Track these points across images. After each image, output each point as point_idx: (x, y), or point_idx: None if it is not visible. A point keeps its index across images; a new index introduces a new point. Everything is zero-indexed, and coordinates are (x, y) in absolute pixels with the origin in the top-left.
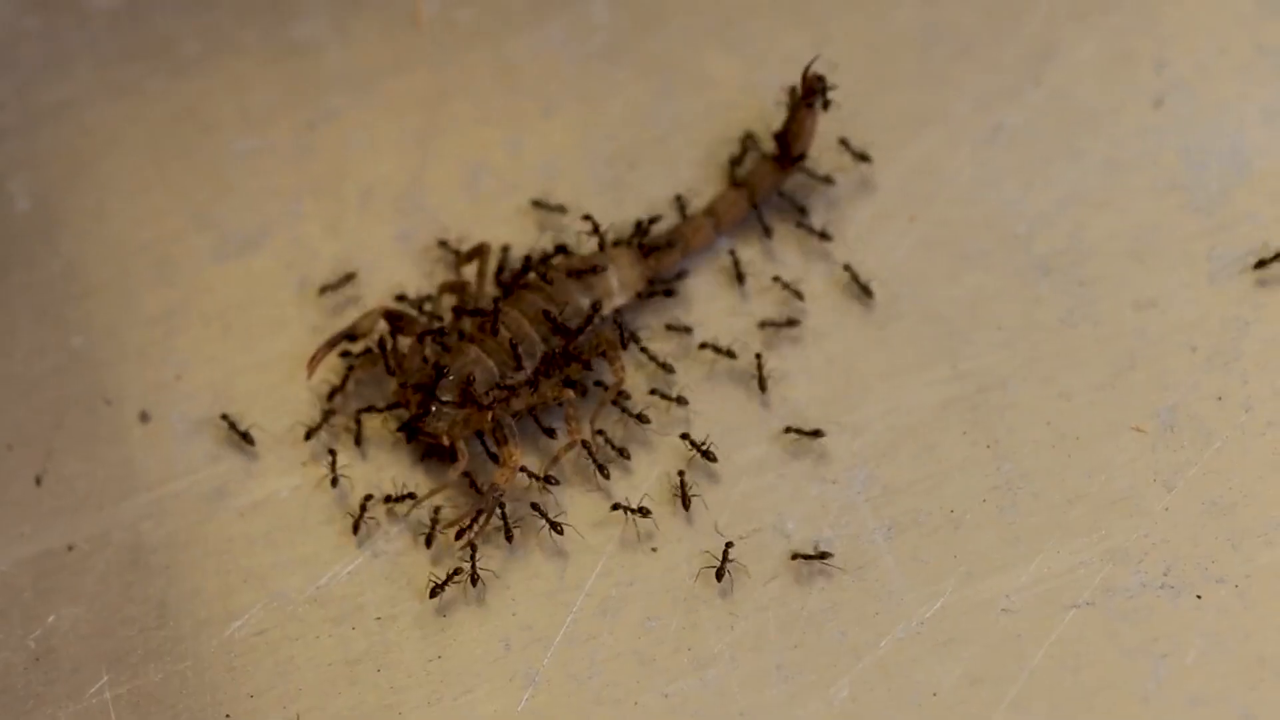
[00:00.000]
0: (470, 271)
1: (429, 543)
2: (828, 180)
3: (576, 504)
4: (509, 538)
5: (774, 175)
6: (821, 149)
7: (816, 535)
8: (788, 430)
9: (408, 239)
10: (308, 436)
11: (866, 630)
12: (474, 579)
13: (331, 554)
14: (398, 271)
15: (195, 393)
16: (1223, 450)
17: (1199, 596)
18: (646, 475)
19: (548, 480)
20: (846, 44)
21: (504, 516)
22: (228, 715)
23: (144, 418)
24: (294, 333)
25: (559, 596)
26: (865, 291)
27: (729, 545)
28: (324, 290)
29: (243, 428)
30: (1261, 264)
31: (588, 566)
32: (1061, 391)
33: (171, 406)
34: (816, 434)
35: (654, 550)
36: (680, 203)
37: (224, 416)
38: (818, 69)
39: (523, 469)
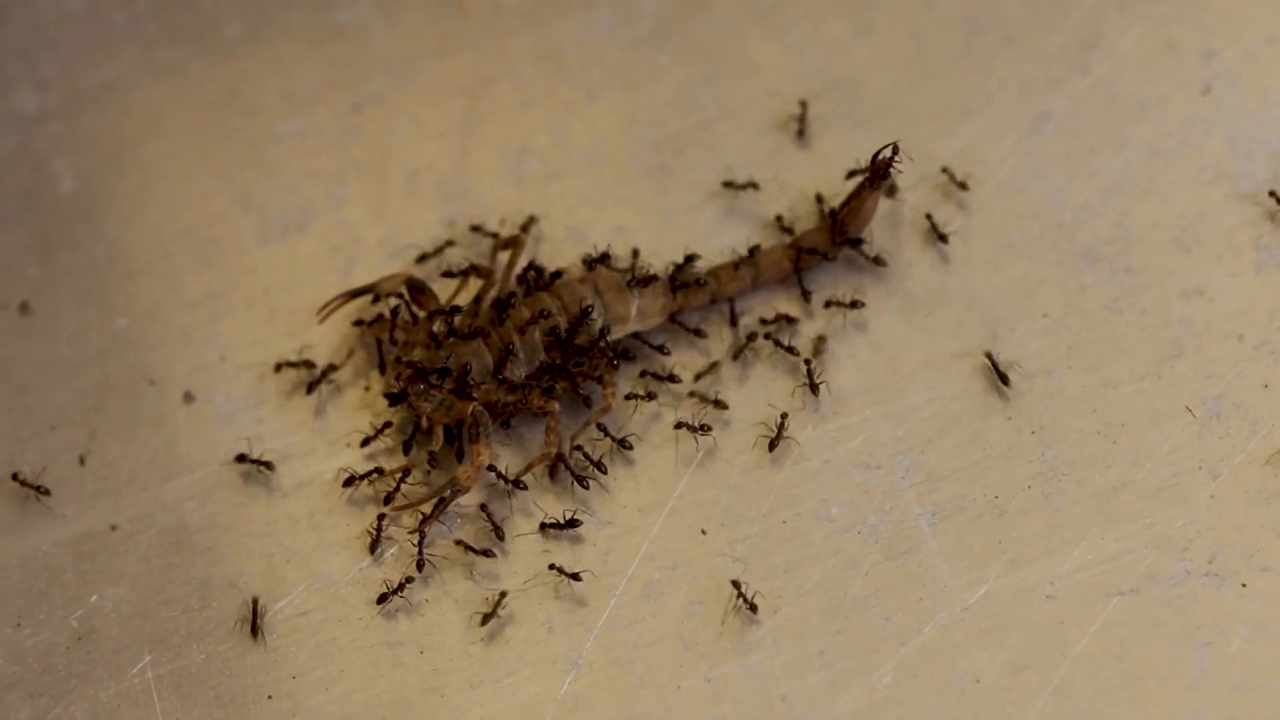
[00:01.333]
0: (504, 258)
1: (387, 500)
2: (878, 262)
3: (621, 487)
4: (500, 537)
5: (824, 248)
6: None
7: (860, 521)
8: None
9: (453, 223)
10: (347, 484)
11: (910, 616)
12: (420, 565)
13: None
14: (442, 256)
15: (239, 374)
16: (1269, 438)
17: (1244, 585)
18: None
19: (516, 484)
20: (890, 32)
21: (489, 517)
22: (269, 696)
23: (188, 399)
24: (338, 315)
25: (602, 580)
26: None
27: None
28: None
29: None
30: None
31: (631, 550)
32: (1107, 379)
33: (215, 388)
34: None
35: (703, 533)
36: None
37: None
38: (889, 156)
39: (491, 468)
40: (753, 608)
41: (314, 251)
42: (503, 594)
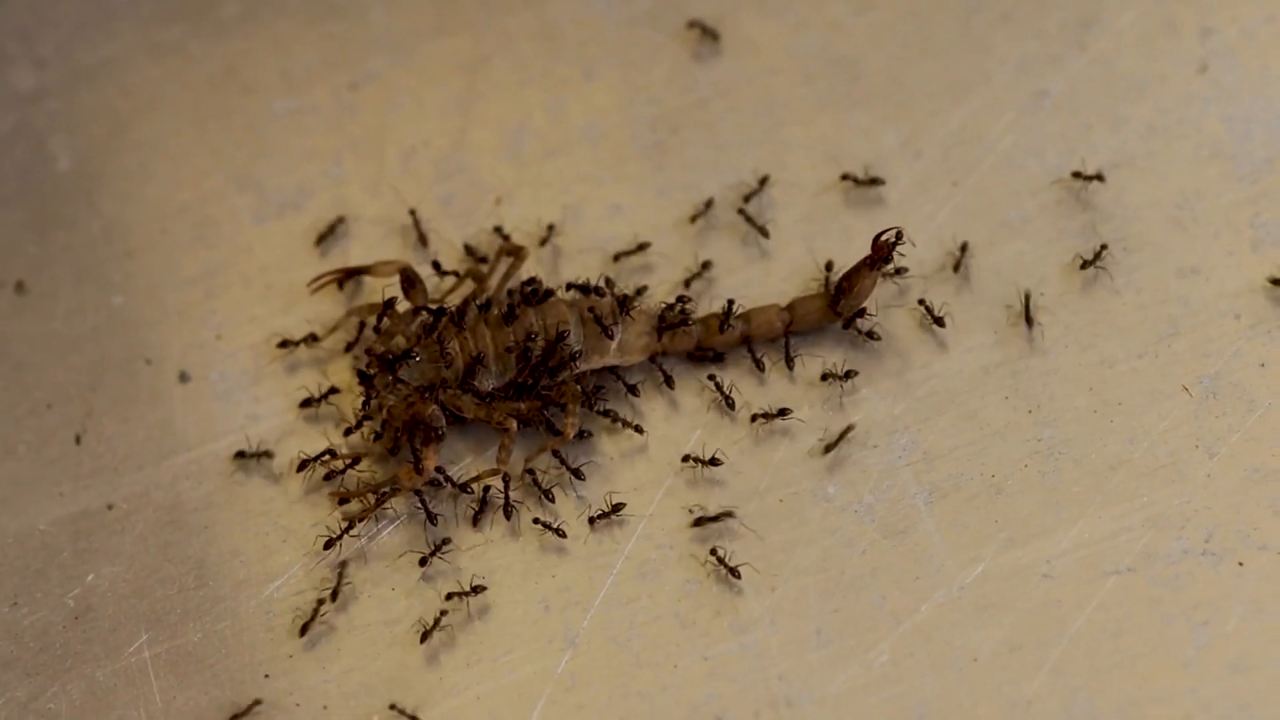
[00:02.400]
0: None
1: (328, 478)
2: (872, 336)
3: (617, 468)
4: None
5: (819, 316)
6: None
7: (857, 500)
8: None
9: (449, 201)
10: (327, 545)
11: (906, 595)
12: (333, 541)
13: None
14: (440, 234)
15: (235, 353)
16: (1265, 417)
17: (1240, 563)
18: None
19: (463, 489)
20: (888, 10)
21: (483, 503)
22: (266, 675)
23: (184, 378)
24: (335, 294)
25: (599, 559)
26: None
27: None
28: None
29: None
30: None
31: (628, 529)
32: (1103, 358)
33: (211, 366)
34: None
35: (691, 512)
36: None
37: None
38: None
39: (438, 469)
40: (734, 573)
41: (311, 230)
42: (474, 589)
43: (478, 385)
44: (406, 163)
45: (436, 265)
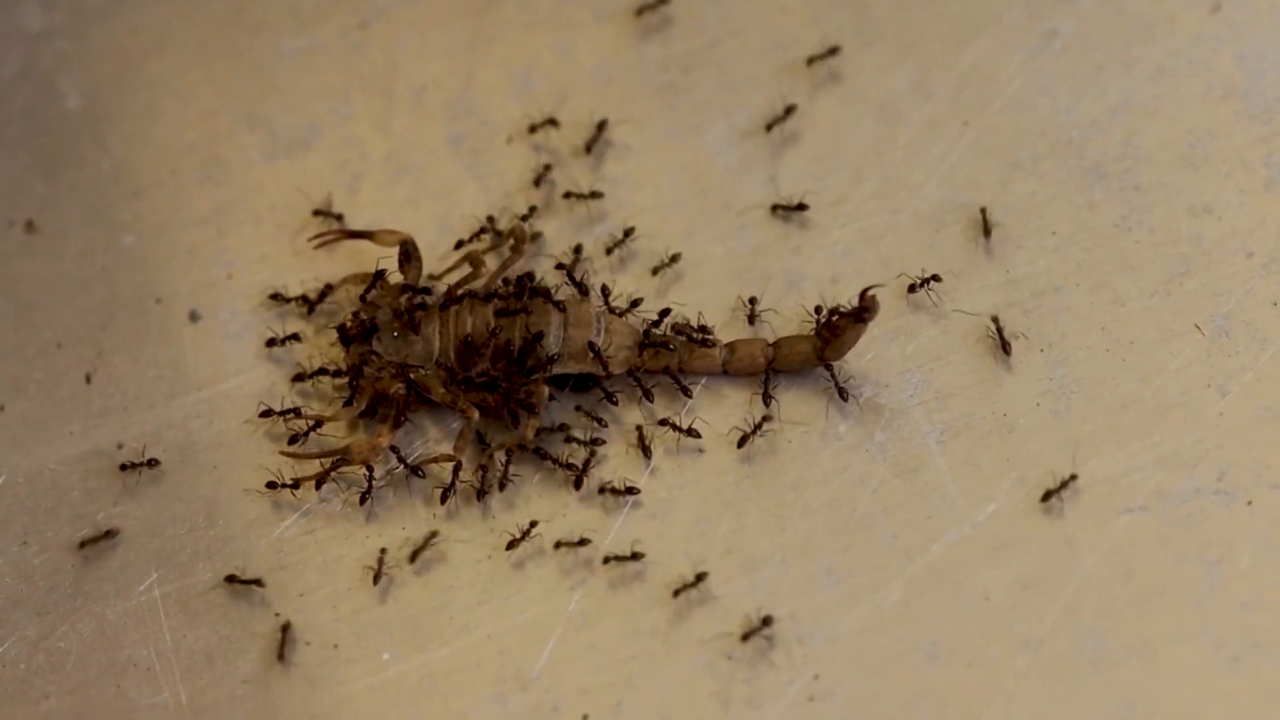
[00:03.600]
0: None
1: (291, 441)
2: (842, 395)
3: (628, 407)
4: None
5: (803, 359)
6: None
7: (868, 439)
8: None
9: (459, 141)
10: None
11: (918, 534)
12: (296, 484)
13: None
14: (450, 175)
15: (246, 292)
16: (1278, 356)
17: (1251, 502)
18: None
19: (414, 470)
20: None
21: (406, 466)
22: (276, 614)
23: (194, 317)
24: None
25: (609, 498)
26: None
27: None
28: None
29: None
30: None
31: (637, 468)
32: (1115, 297)
33: (221, 305)
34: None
35: (700, 452)
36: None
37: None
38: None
39: (393, 449)
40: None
41: (320, 168)
42: (532, 524)
43: (449, 371)
44: (416, 101)
45: (460, 243)
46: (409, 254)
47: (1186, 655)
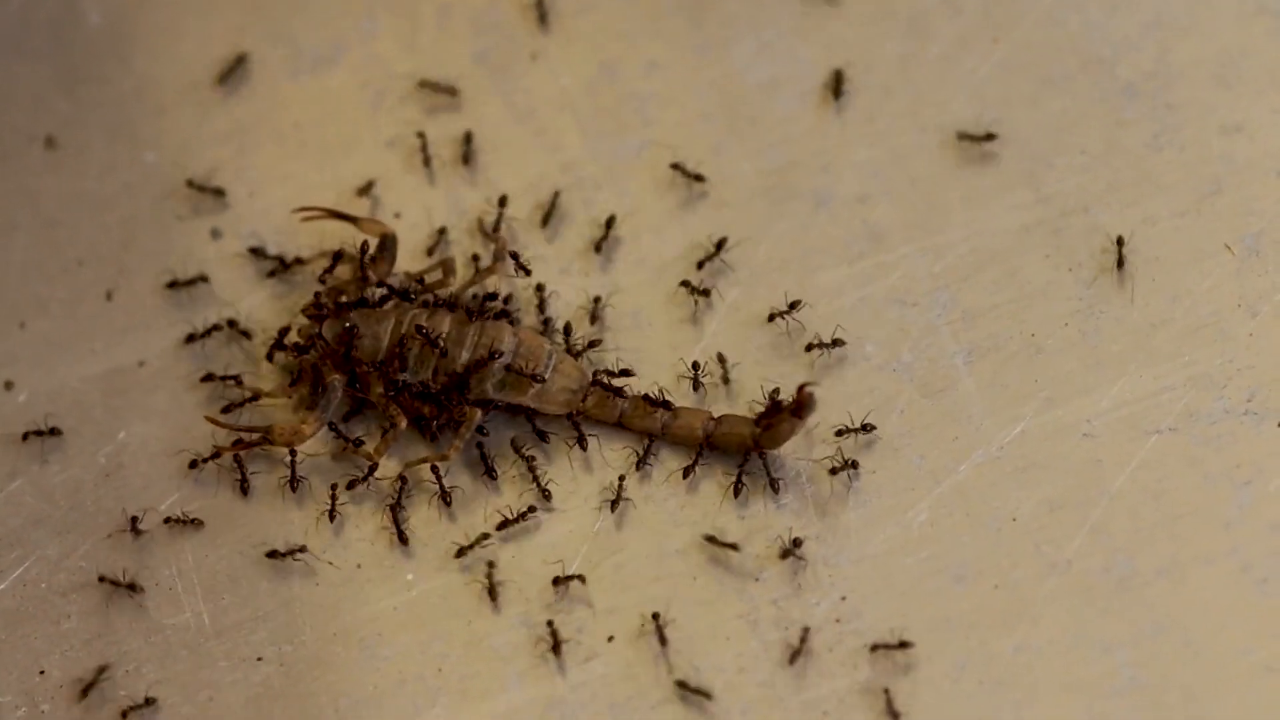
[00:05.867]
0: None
1: (224, 411)
2: (773, 487)
3: (650, 335)
4: (295, 486)
5: (740, 441)
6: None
7: (895, 359)
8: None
9: (484, 58)
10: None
11: (945, 455)
12: (216, 454)
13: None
14: (478, 93)
15: (268, 210)
16: None
17: None
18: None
19: (354, 443)
20: None
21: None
22: (306, 534)
23: (215, 234)
24: (368, 150)
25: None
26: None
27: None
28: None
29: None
30: None
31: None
32: (1146, 216)
33: (243, 224)
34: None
35: (728, 382)
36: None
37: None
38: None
39: (331, 425)
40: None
41: (344, 86)
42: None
43: (391, 374)
44: (441, 19)
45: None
46: (384, 247)
47: (1215, 577)
